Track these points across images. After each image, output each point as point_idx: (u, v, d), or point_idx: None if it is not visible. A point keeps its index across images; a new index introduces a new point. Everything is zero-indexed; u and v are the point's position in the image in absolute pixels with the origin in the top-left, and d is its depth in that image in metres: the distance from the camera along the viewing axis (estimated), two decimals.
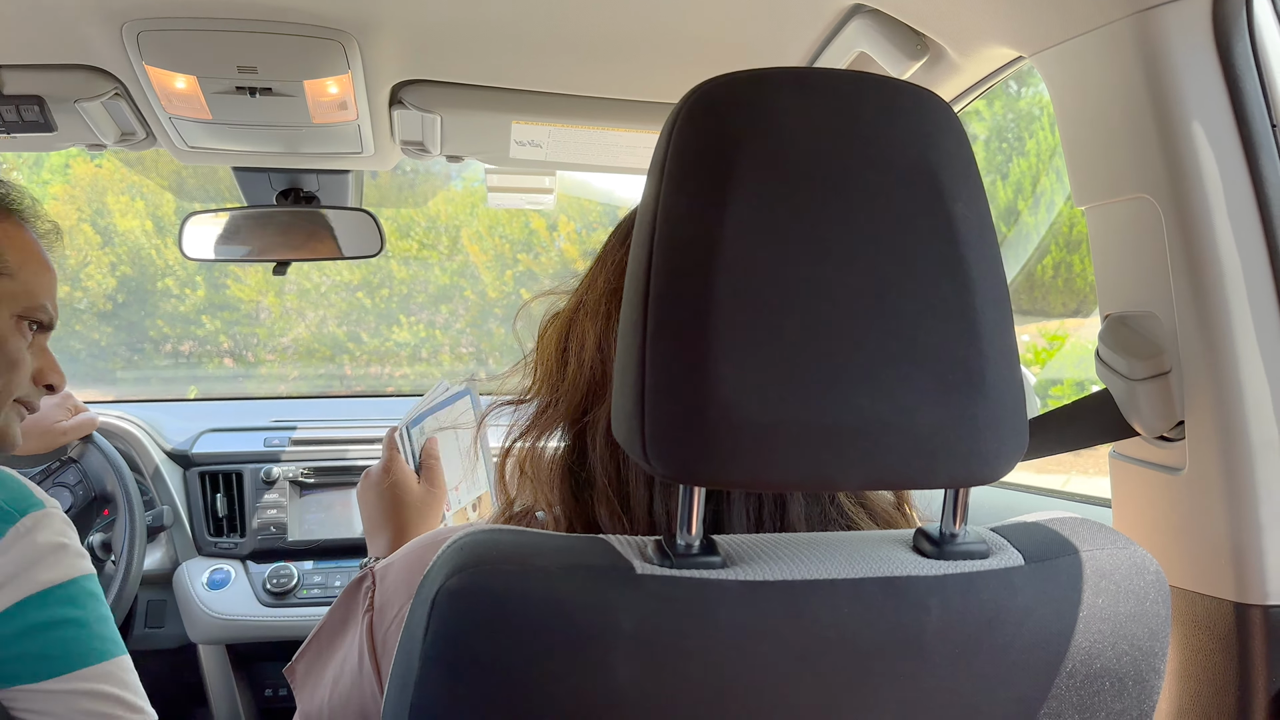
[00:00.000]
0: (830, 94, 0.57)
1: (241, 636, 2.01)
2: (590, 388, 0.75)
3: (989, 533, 0.64)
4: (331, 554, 2.09)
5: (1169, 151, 0.86)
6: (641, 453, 0.55)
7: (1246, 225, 0.86)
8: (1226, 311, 0.86)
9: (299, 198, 1.83)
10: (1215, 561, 0.89)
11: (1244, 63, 0.86)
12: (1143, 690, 0.63)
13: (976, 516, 0.63)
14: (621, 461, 0.72)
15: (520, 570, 0.54)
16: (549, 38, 1.22)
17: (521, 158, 1.55)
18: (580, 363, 0.75)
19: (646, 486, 0.71)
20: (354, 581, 0.80)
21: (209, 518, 2.10)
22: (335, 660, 0.79)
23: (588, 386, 0.75)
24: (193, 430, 2.20)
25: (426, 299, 4.02)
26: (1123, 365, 0.92)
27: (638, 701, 0.54)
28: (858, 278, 0.55)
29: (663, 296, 0.55)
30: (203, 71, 1.23)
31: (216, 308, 3.80)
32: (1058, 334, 3.00)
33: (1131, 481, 0.98)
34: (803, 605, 0.56)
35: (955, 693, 0.58)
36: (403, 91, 1.37)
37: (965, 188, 0.57)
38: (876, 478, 0.55)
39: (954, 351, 0.55)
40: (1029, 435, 0.59)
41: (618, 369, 0.59)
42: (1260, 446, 0.86)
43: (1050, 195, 2.40)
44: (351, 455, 2.17)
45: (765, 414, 0.53)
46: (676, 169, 0.56)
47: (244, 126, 1.43)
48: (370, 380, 3.82)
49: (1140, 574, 0.62)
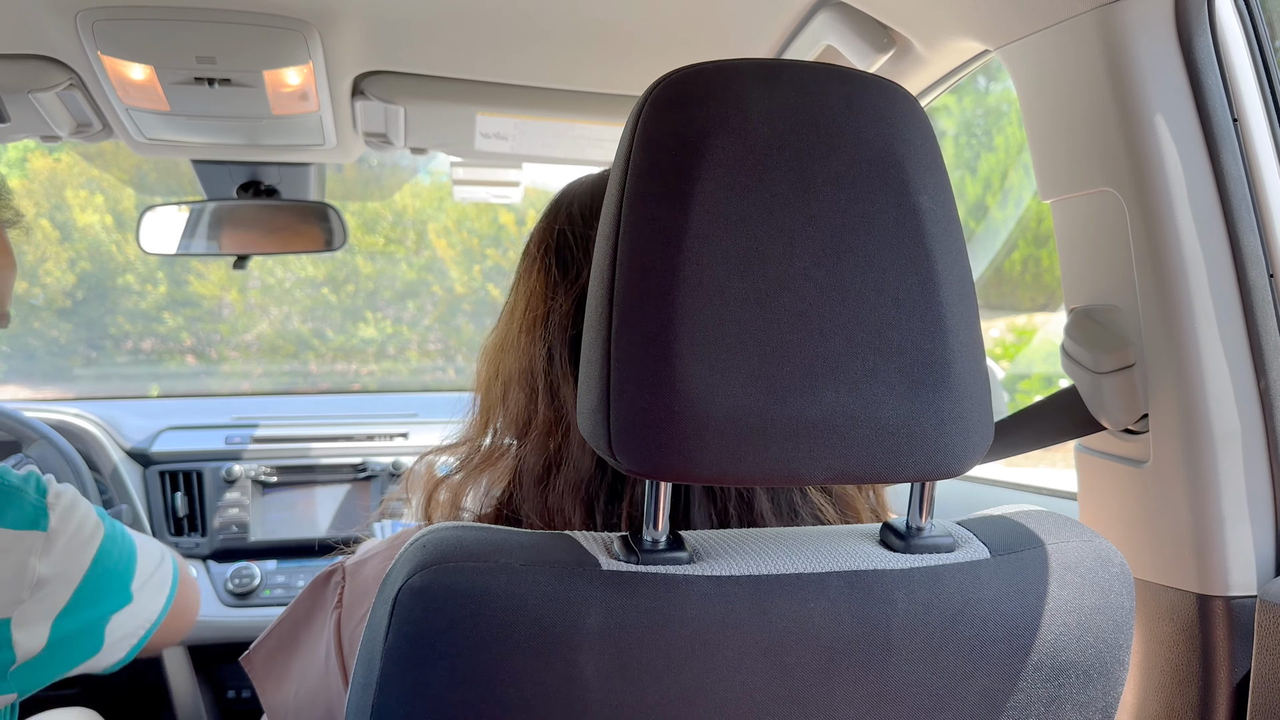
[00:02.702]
0: (796, 85, 0.56)
1: (203, 638, 1.98)
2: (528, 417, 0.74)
3: (955, 526, 0.64)
4: (295, 553, 2.07)
5: (1132, 145, 0.87)
6: (608, 448, 0.54)
7: (1209, 218, 0.87)
8: (1189, 304, 0.86)
9: (259, 191, 1.80)
10: (1178, 553, 0.89)
11: (1205, 57, 0.86)
12: (1108, 682, 0.63)
13: (943, 510, 0.63)
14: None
15: (484, 567, 0.54)
16: (514, 28, 1.21)
17: (487, 150, 1.54)
18: (524, 393, 0.75)
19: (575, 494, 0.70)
20: (322, 574, 0.78)
21: (169, 517, 2.07)
22: (301, 655, 0.78)
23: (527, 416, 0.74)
24: (152, 428, 2.17)
25: (393, 295, 3.99)
26: (1088, 358, 0.92)
27: (604, 699, 0.54)
28: (824, 271, 0.54)
29: (628, 290, 0.54)
30: (160, 62, 1.21)
31: (178, 304, 3.75)
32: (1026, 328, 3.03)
33: (1097, 474, 0.99)
34: (769, 600, 0.56)
35: (922, 686, 0.58)
36: (365, 82, 1.36)
37: (931, 180, 0.57)
38: (843, 472, 0.55)
39: (920, 345, 0.55)
40: (997, 434, 0.59)
41: (583, 364, 0.58)
42: (1222, 439, 0.86)
43: (1018, 191, 2.42)
44: (315, 453, 2.15)
45: (732, 408, 0.53)
46: (642, 160, 0.56)
47: (203, 118, 1.41)
48: (336, 377, 3.79)
49: (1105, 566, 0.63)
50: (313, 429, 2.19)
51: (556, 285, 0.74)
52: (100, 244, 3.70)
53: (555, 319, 0.73)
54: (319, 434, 2.18)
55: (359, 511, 2.13)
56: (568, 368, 0.72)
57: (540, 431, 0.73)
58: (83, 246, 3.66)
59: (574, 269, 0.74)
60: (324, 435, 2.18)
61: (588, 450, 0.70)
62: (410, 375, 3.92)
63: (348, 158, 1.66)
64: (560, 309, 0.73)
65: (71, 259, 3.65)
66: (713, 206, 0.54)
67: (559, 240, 0.76)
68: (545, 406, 0.73)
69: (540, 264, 0.76)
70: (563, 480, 0.71)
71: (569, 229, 0.76)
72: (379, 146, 1.56)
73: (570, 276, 0.74)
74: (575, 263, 0.74)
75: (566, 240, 0.75)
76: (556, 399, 0.72)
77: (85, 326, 3.66)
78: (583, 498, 0.70)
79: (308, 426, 2.20)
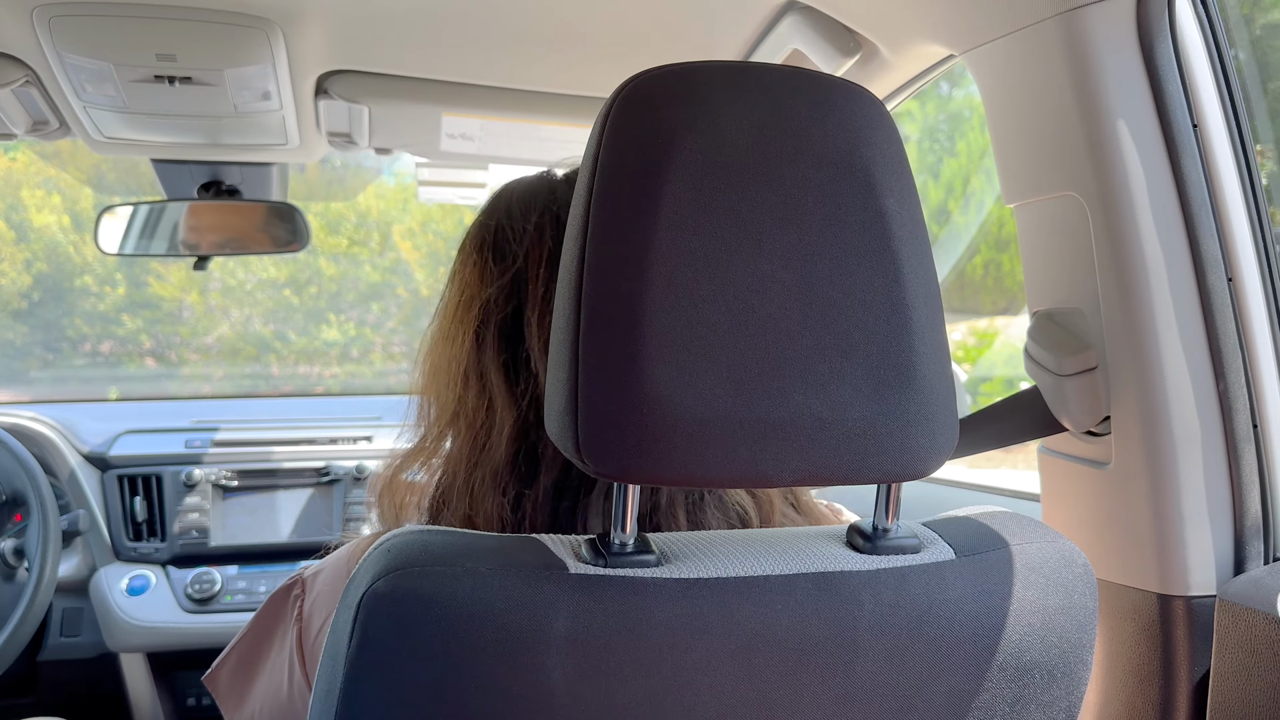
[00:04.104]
0: (763, 88, 0.57)
1: (163, 644, 1.95)
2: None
3: (921, 527, 0.64)
4: (256, 558, 2.05)
5: (1095, 150, 0.88)
6: (575, 451, 0.54)
7: (1169, 223, 0.88)
8: (1150, 308, 0.87)
9: (221, 191, 1.78)
10: (1140, 554, 0.90)
11: (1166, 63, 0.88)
12: (1071, 682, 0.63)
13: (909, 511, 0.63)
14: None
15: (450, 571, 0.53)
16: (480, 29, 1.21)
17: (453, 151, 1.53)
18: (457, 383, 0.75)
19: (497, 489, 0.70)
20: (282, 588, 0.77)
21: (128, 522, 2.04)
22: (264, 671, 0.77)
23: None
24: (111, 432, 2.13)
25: (357, 297, 3.96)
26: (1050, 361, 0.93)
27: (571, 703, 0.53)
28: (791, 272, 0.54)
29: (596, 292, 0.54)
30: (118, 59, 1.19)
31: (137, 306, 3.70)
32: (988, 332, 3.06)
33: (1059, 476, 1.00)
34: (737, 602, 0.56)
35: (889, 687, 0.58)
36: (328, 82, 1.34)
37: (897, 183, 0.57)
38: (810, 473, 0.55)
39: (886, 347, 0.56)
40: (960, 433, 0.60)
41: (550, 366, 0.58)
42: (1183, 441, 0.88)
43: (981, 195, 2.45)
44: (277, 457, 2.12)
45: (700, 410, 0.53)
46: (610, 161, 0.55)
47: (163, 116, 1.39)
48: (298, 380, 3.75)
49: (1069, 567, 0.63)
50: (275, 432, 2.17)
51: (489, 275, 0.75)
52: (57, 245, 3.64)
53: (486, 307, 0.74)
54: (281, 437, 2.16)
55: (322, 516, 2.11)
56: (497, 355, 0.73)
57: (467, 421, 0.73)
58: (39, 247, 3.60)
59: (508, 259, 0.75)
60: (286, 439, 2.15)
61: (505, 439, 0.71)
62: (374, 378, 3.90)
63: (311, 157, 1.64)
64: (491, 297, 0.74)
65: (28, 260, 3.59)
66: (681, 208, 0.53)
67: (495, 235, 0.76)
68: (475, 395, 0.73)
69: (475, 258, 0.77)
70: (485, 469, 0.71)
71: (506, 223, 0.76)
72: (343, 146, 1.55)
73: (503, 266, 0.74)
74: (510, 254, 0.75)
75: (504, 234, 0.76)
76: (485, 387, 0.73)
77: (42, 329, 3.60)
78: (500, 487, 0.70)
79: (269, 430, 2.18)
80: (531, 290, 0.73)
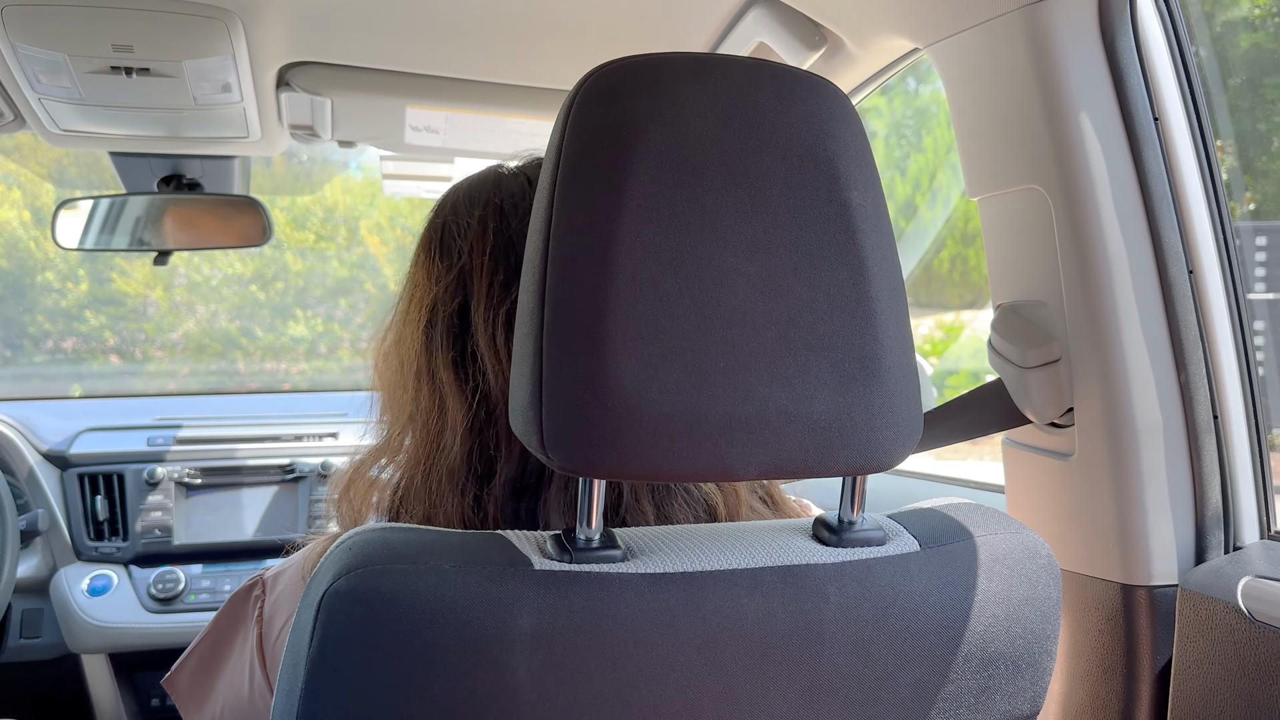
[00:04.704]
0: (728, 80, 0.56)
1: (125, 645, 1.93)
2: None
3: (886, 520, 0.64)
4: (221, 557, 2.02)
5: (1057, 143, 0.88)
6: (540, 446, 0.53)
7: (1131, 216, 0.89)
8: (1113, 300, 0.88)
9: (181, 184, 1.75)
10: (1103, 544, 0.91)
11: (1128, 56, 0.88)
12: (1036, 671, 0.64)
13: (875, 504, 0.63)
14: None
15: (412, 569, 0.52)
16: (444, 20, 1.19)
17: (418, 144, 1.52)
18: (411, 383, 0.74)
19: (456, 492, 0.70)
20: (242, 589, 0.76)
21: (88, 521, 2.01)
22: (224, 673, 0.76)
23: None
24: (71, 430, 2.10)
25: (324, 292, 3.93)
26: (1014, 354, 0.94)
27: (537, 700, 0.53)
28: (756, 266, 0.54)
29: (560, 286, 0.53)
30: (74, 50, 1.17)
31: (101, 302, 3.65)
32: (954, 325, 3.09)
33: (1023, 467, 1.01)
34: (703, 596, 0.55)
35: (855, 679, 0.58)
36: (290, 73, 1.33)
37: (861, 176, 0.57)
38: (776, 467, 0.55)
39: (851, 340, 0.56)
40: (925, 426, 0.60)
41: (514, 361, 0.57)
42: (1145, 432, 0.88)
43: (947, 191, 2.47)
44: (241, 454, 2.10)
45: (664, 404, 0.52)
46: (573, 154, 0.55)
47: (121, 109, 1.36)
48: (265, 377, 3.72)
49: (1033, 558, 0.64)
50: (239, 429, 2.14)
51: (436, 274, 0.74)
52: (18, 240, 3.58)
53: (434, 306, 0.73)
54: (246, 434, 2.13)
55: (287, 513, 2.09)
56: (446, 353, 0.72)
57: (422, 420, 0.73)
58: None
59: (454, 255, 0.74)
60: (251, 436, 2.13)
61: (459, 438, 0.70)
62: (342, 374, 3.87)
63: (273, 150, 1.62)
64: (438, 295, 0.73)
65: None
66: (645, 201, 0.53)
67: (442, 233, 0.76)
68: (427, 395, 0.73)
69: (423, 257, 0.76)
70: (441, 469, 0.70)
71: (452, 220, 0.76)
72: (305, 139, 1.53)
73: (449, 263, 0.74)
74: (455, 250, 0.74)
75: (449, 231, 0.75)
76: (436, 386, 0.72)
77: (2, 325, 3.55)
78: (457, 486, 0.70)
79: (234, 427, 2.15)
80: (477, 284, 0.72)
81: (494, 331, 0.70)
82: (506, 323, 0.70)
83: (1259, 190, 1.93)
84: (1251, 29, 1.93)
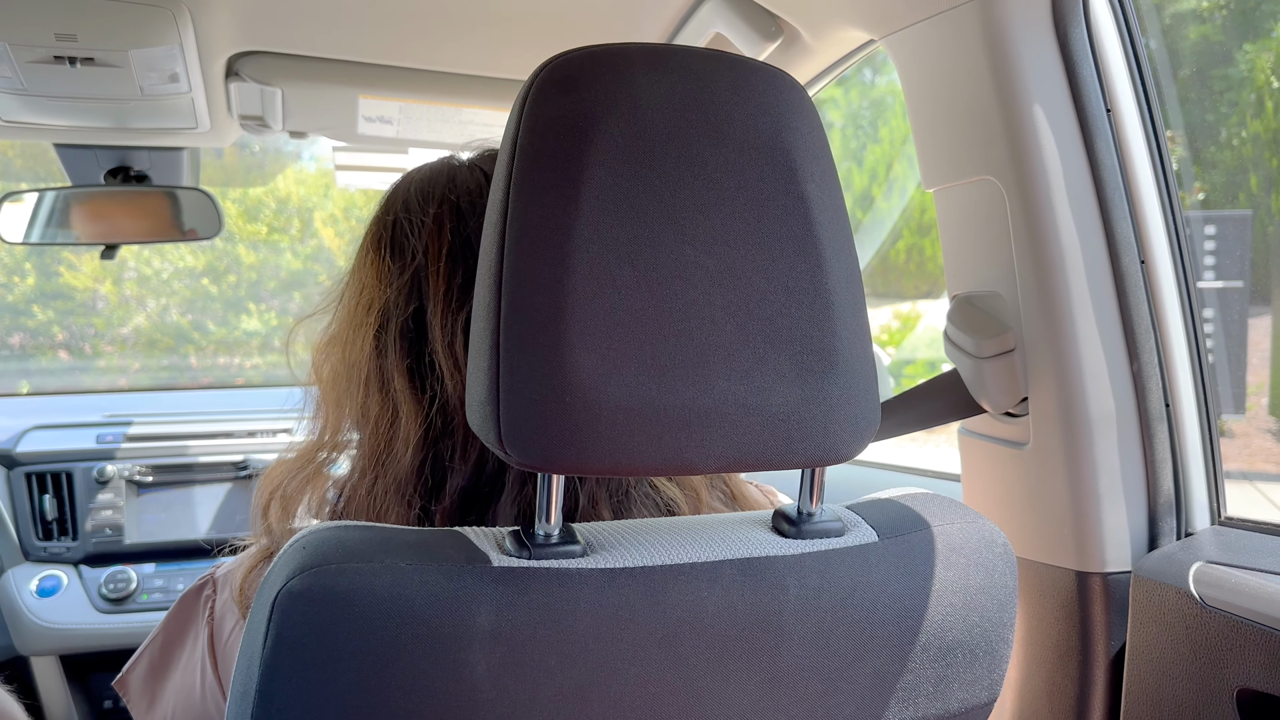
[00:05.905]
0: (685, 71, 0.56)
1: (76, 646, 1.89)
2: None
3: (845, 510, 0.64)
4: (174, 556, 1.99)
5: (1012, 134, 0.89)
6: (497, 441, 0.53)
7: (1084, 206, 0.90)
8: (1066, 291, 0.89)
9: (129, 177, 1.72)
10: (1058, 532, 0.92)
11: (1080, 49, 0.89)
12: (993, 660, 0.64)
13: (834, 494, 0.63)
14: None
15: (368, 568, 0.51)
16: (397, 8, 1.18)
17: (371, 134, 1.50)
18: (358, 388, 0.72)
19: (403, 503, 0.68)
20: (193, 588, 0.75)
21: (36, 521, 1.97)
22: (175, 674, 0.74)
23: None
24: (17, 428, 2.05)
25: (278, 285, 3.88)
26: (969, 344, 0.94)
27: (496, 697, 0.52)
28: (713, 258, 0.54)
29: (516, 279, 0.52)
30: (14, 38, 1.14)
31: (48, 297, 3.57)
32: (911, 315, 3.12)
33: (979, 457, 1.02)
34: (662, 590, 0.55)
35: (814, 670, 0.58)
36: (239, 63, 1.30)
37: (818, 168, 0.57)
38: (735, 459, 0.55)
39: (809, 332, 0.56)
40: (882, 415, 0.60)
41: (471, 356, 0.56)
42: (1098, 421, 0.90)
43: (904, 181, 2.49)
44: (193, 451, 2.06)
45: (624, 398, 0.52)
46: (529, 145, 0.54)
47: (64, 99, 1.33)
48: (218, 371, 3.67)
49: (989, 547, 0.64)
50: (191, 426, 2.11)
51: (387, 275, 0.72)
52: None
53: (385, 309, 0.71)
54: (198, 431, 2.10)
55: (241, 511, 2.06)
56: (400, 360, 0.70)
57: (371, 428, 0.70)
58: None
59: (407, 255, 0.72)
60: (203, 432, 2.10)
61: (411, 448, 0.68)
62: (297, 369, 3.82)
63: (222, 142, 1.59)
64: (391, 299, 0.71)
65: None
66: (602, 193, 0.53)
67: (393, 230, 0.73)
68: (378, 403, 0.70)
69: (373, 256, 0.73)
70: (388, 479, 0.68)
71: (404, 216, 0.73)
72: (256, 130, 1.50)
73: (401, 264, 0.71)
74: (409, 249, 0.72)
75: (401, 228, 0.73)
76: (389, 394, 0.70)
77: None
78: (404, 498, 0.68)
79: (186, 423, 2.12)
80: (432, 287, 0.70)
81: (452, 339, 0.68)
82: (465, 329, 0.67)
83: (1208, 180, 1.96)
84: (1200, 21, 1.96)
